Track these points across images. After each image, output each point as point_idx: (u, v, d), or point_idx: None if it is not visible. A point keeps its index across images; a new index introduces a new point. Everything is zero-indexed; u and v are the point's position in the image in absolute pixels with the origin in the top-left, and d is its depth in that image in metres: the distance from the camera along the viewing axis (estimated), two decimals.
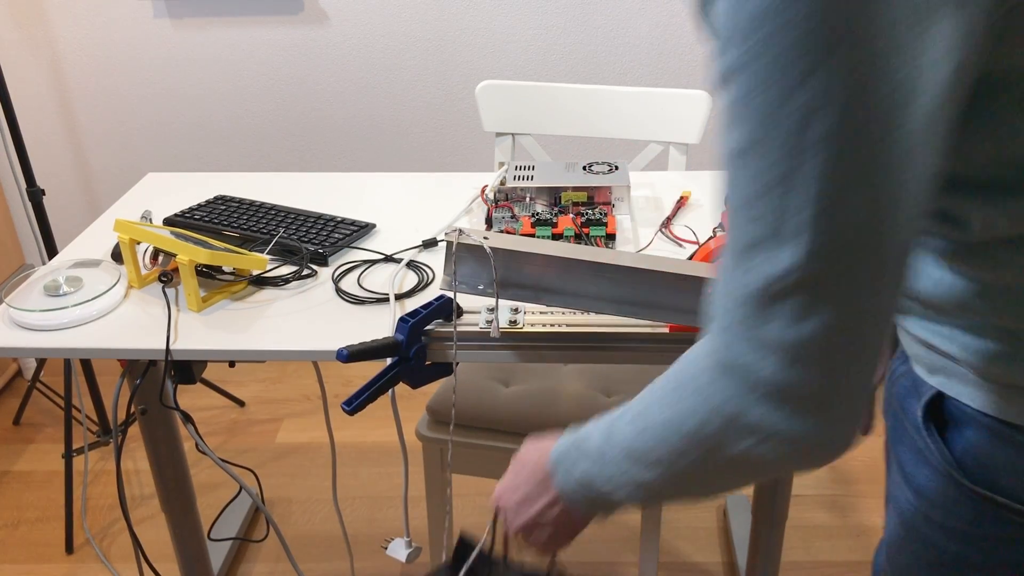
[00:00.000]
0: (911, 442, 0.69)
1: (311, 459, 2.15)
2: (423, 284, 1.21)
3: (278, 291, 1.21)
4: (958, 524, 0.66)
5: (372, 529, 1.93)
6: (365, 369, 2.45)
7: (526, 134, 1.78)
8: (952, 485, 0.65)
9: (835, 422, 0.51)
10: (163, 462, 1.53)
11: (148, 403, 1.45)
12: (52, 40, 2.32)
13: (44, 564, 1.87)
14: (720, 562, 1.82)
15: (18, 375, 2.51)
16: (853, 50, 0.43)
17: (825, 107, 0.44)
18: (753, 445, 0.53)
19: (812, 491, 2.01)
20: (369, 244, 1.33)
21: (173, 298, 1.19)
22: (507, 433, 1.47)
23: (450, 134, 2.42)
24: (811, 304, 0.48)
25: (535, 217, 1.31)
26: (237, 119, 2.41)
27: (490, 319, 1.07)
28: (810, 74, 0.43)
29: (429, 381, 1.08)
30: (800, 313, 0.48)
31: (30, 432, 2.28)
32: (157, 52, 2.32)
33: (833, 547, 1.85)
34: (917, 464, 0.68)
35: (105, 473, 2.13)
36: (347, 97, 2.37)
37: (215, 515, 1.95)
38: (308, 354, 1.08)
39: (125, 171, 2.49)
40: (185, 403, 2.35)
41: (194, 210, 1.43)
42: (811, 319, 0.48)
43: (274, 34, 2.30)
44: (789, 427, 0.51)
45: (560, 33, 2.27)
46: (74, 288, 1.18)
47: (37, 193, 1.87)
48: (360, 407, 1.01)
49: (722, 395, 0.53)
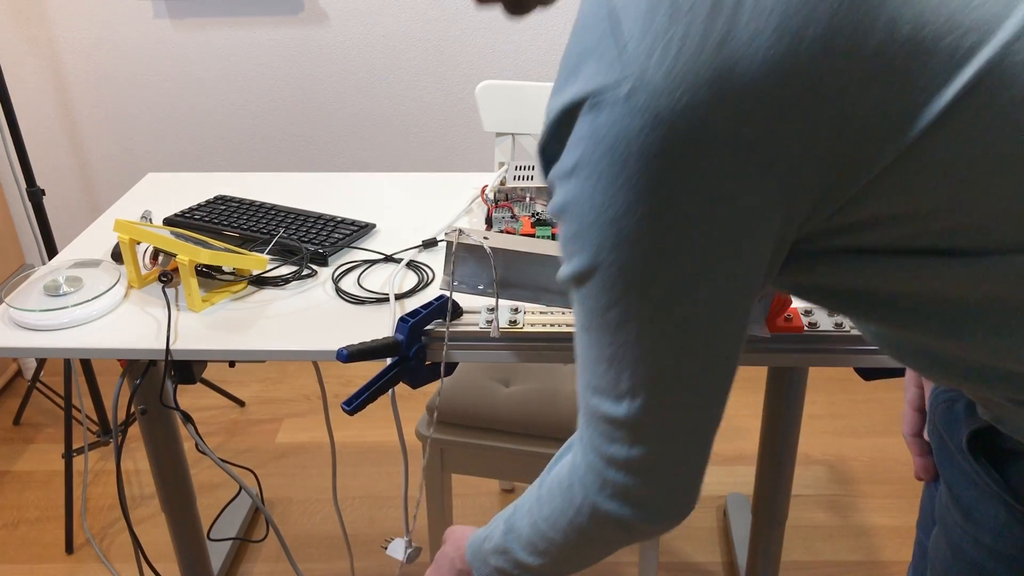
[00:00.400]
0: (958, 465, 0.68)
1: (311, 459, 2.15)
2: (423, 284, 1.21)
3: (278, 291, 1.21)
4: (1010, 550, 0.65)
5: (372, 529, 1.93)
6: (365, 369, 2.45)
7: (526, 134, 1.78)
8: (1004, 510, 0.64)
9: (667, 512, 0.65)
10: (163, 462, 1.53)
11: (148, 403, 1.45)
12: (52, 40, 2.32)
13: (44, 564, 1.87)
14: (720, 562, 1.82)
15: (18, 375, 2.51)
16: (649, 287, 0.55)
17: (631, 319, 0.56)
18: (611, 531, 0.67)
19: (812, 491, 2.01)
20: (369, 244, 1.33)
21: (173, 298, 1.19)
22: (507, 433, 1.47)
23: (450, 134, 2.42)
24: (639, 438, 0.61)
25: (535, 217, 1.31)
26: (237, 119, 2.41)
27: (490, 319, 1.07)
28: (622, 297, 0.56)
29: (429, 381, 1.08)
30: (632, 442, 0.61)
31: (30, 432, 2.28)
32: (157, 52, 2.33)
33: (833, 547, 1.85)
34: (965, 487, 0.67)
35: (105, 473, 2.13)
36: (347, 97, 2.37)
37: (215, 515, 1.95)
38: (308, 354, 1.08)
39: (125, 171, 2.49)
40: (185, 403, 2.35)
41: (194, 210, 1.43)
42: (640, 447, 0.61)
43: (274, 34, 2.30)
44: (631, 517, 0.65)
45: (560, 33, 2.27)
46: (74, 288, 1.18)
47: (37, 193, 1.87)
48: (360, 407, 1.01)
49: (582, 495, 0.66)
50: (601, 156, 0.51)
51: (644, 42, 0.48)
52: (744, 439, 2.18)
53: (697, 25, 0.48)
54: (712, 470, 2.09)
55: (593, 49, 0.51)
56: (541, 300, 1.06)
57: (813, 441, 2.17)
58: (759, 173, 0.50)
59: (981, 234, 0.53)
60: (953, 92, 0.48)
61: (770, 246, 0.54)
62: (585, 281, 0.57)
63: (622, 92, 0.49)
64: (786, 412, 1.48)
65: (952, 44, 0.48)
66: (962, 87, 0.48)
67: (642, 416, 0.60)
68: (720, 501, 1.99)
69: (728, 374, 0.61)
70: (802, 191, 0.52)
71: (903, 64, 0.48)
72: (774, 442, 1.51)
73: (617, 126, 0.49)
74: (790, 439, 1.51)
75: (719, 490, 2.02)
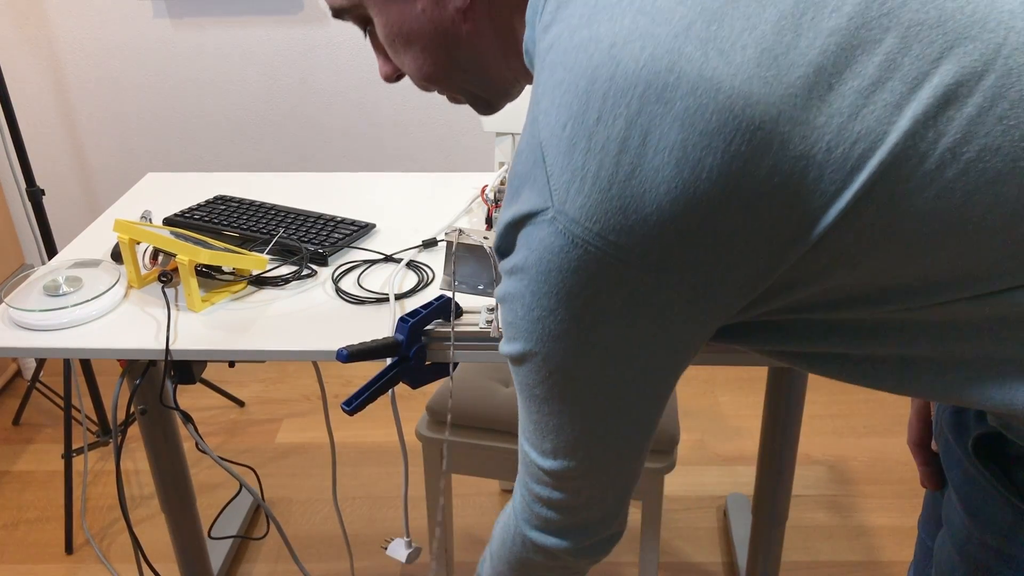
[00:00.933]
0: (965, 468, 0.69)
1: (311, 459, 2.15)
2: (423, 284, 1.21)
3: (278, 291, 1.21)
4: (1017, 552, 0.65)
5: (372, 529, 1.93)
6: (365, 369, 2.45)
7: None
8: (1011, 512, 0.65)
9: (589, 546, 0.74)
10: (163, 462, 1.53)
11: (148, 403, 1.45)
12: (52, 40, 2.32)
13: (44, 564, 1.87)
14: (720, 562, 1.82)
15: (18, 375, 2.51)
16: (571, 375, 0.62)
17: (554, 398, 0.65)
18: (543, 558, 0.75)
19: (812, 491, 2.01)
20: (369, 244, 1.33)
21: (173, 298, 1.19)
22: (507, 433, 1.47)
23: (450, 134, 2.42)
24: (560, 487, 0.70)
25: None
26: (237, 119, 2.41)
27: (490, 319, 1.07)
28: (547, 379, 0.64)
29: (429, 381, 1.08)
30: (553, 488, 0.70)
31: (30, 432, 2.27)
32: (157, 52, 2.32)
33: (833, 547, 1.85)
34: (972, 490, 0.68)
35: (105, 473, 2.13)
36: (347, 97, 2.37)
37: (215, 515, 1.95)
38: (308, 354, 1.08)
39: (125, 171, 2.49)
40: (185, 403, 2.35)
41: (194, 210, 1.43)
42: (560, 493, 0.70)
43: (274, 34, 2.30)
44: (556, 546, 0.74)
45: None
46: (74, 288, 1.18)
47: (37, 193, 1.87)
48: (360, 407, 1.01)
49: (514, 525, 0.76)
50: (532, 264, 0.58)
51: (564, 176, 0.55)
52: (744, 439, 2.18)
53: (608, 161, 0.53)
54: (712, 470, 2.09)
55: (527, 175, 0.58)
56: None
57: (813, 441, 2.17)
58: (669, 285, 0.56)
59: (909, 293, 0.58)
60: (850, 195, 0.53)
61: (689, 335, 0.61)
62: (519, 363, 0.65)
63: (547, 216, 0.56)
64: (786, 412, 1.48)
65: (843, 155, 0.52)
66: (858, 189, 0.53)
67: (562, 472, 0.68)
68: (720, 501, 1.99)
69: (646, 437, 0.68)
70: (714, 293, 0.58)
71: (798, 180, 0.53)
72: (774, 442, 1.51)
73: (544, 243, 0.57)
74: (790, 439, 1.51)
75: (719, 490, 2.02)
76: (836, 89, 0.52)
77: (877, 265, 0.56)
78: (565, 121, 0.55)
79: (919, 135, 0.52)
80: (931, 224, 0.54)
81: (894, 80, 0.52)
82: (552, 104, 0.56)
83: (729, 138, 0.52)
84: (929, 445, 0.84)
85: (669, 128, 0.52)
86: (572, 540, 0.73)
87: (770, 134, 0.52)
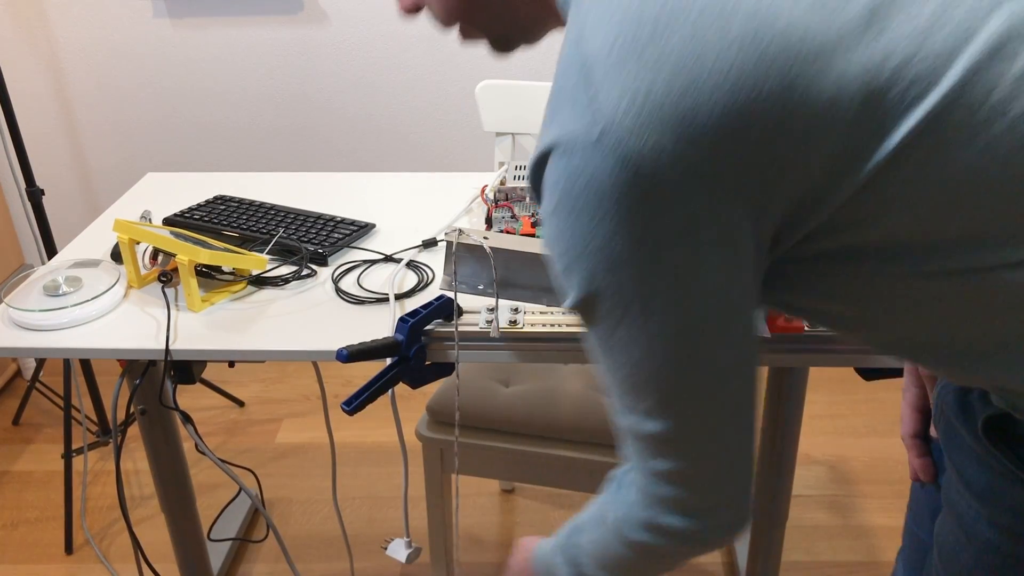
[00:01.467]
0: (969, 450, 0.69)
1: (311, 459, 2.15)
2: (423, 284, 1.21)
3: (278, 291, 1.21)
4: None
5: (372, 529, 1.93)
6: (365, 369, 2.45)
7: (526, 134, 1.77)
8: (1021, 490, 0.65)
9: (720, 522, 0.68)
10: (163, 462, 1.53)
11: (148, 403, 1.45)
12: (52, 40, 2.32)
13: (44, 564, 1.86)
14: (720, 562, 1.82)
15: (18, 375, 2.51)
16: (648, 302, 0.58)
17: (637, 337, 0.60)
18: (670, 543, 0.70)
19: (812, 491, 2.01)
20: (369, 244, 1.33)
21: (173, 298, 1.19)
22: (507, 433, 1.47)
23: (450, 134, 2.41)
24: (677, 451, 0.65)
25: (535, 217, 1.31)
26: (237, 119, 2.41)
27: (490, 319, 1.07)
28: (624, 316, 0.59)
29: (429, 381, 1.08)
30: (669, 455, 0.65)
31: (30, 432, 2.27)
32: (157, 52, 2.32)
33: (833, 547, 1.85)
34: (979, 471, 0.68)
35: (105, 473, 2.13)
36: (347, 97, 2.37)
37: (215, 515, 1.94)
38: (308, 354, 1.08)
39: (125, 171, 2.49)
40: (185, 403, 2.35)
41: (194, 210, 1.43)
42: (678, 459, 0.65)
43: (274, 34, 2.30)
44: (686, 527, 0.68)
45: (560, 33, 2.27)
46: (74, 288, 1.18)
47: (37, 193, 1.87)
48: (360, 407, 1.01)
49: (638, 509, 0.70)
50: (579, 194, 0.56)
51: (612, 92, 0.54)
52: None
53: (662, 78, 0.53)
54: None
55: (567, 97, 0.56)
56: (541, 300, 1.06)
57: (813, 441, 2.17)
58: (726, 201, 0.55)
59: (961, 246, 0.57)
60: (898, 138, 0.53)
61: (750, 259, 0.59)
62: (587, 309, 0.61)
63: (592, 138, 0.54)
64: (786, 412, 1.48)
65: (898, 95, 0.53)
66: (907, 133, 0.53)
67: (672, 430, 0.64)
68: None
69: (747, 381, 0.64)
70: (767, 218, 0.57)
71: (853, 115, 0.53)
72: (774, 442, 1.51)
73: (591, 166, 0.55)
74: (790, 439, 1.51)
75: None
76: (890, 30, 0.53)
77: (922, 214, 0.56)
78: (615, 38, 0.54)
79: (969, 85, 0.53)
80: (975, 178, 0.54)
81: (946, 29, 0.53)
82: (600, 20, 0.55)
83: (787, 66, 0.52)
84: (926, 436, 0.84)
85: (727, 50, 0.52)
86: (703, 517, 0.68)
87: (827, 65, 0.52)
